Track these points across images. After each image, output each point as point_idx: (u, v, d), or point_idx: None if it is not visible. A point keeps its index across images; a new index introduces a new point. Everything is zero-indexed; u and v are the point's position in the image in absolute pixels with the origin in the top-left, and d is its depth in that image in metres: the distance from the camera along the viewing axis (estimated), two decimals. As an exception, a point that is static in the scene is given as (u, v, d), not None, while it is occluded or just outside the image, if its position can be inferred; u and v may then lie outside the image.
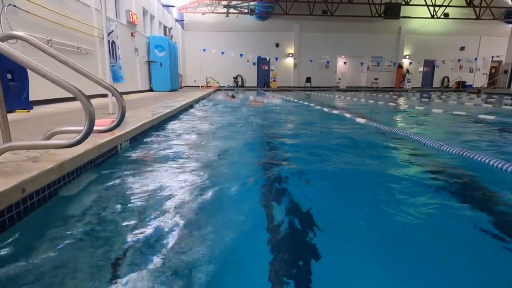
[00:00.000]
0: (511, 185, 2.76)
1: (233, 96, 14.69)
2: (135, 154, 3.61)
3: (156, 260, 1.56)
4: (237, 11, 25.51)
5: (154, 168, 3.07)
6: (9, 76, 5.45)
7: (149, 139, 4.49)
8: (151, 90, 16.38)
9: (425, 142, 4.23)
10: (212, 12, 24.78)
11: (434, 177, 2.93)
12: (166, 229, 1.85)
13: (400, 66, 28.71)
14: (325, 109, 8.80)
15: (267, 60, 27.29)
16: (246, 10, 25.65)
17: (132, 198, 2.33)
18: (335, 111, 8.23)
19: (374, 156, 3.73)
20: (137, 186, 2.58)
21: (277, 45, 27.58)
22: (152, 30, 17.32)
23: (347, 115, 7.22)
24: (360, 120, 6.43)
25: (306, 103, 11.22)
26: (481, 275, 1.56)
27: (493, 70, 29.65)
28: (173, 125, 5.91)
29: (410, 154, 4.01)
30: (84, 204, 2.18)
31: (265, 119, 7.42)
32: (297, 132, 5.58)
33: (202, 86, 23.72)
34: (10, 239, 1.72)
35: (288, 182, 2.77)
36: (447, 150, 3.78)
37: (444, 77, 29.72)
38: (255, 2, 24.84)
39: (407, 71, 28.45)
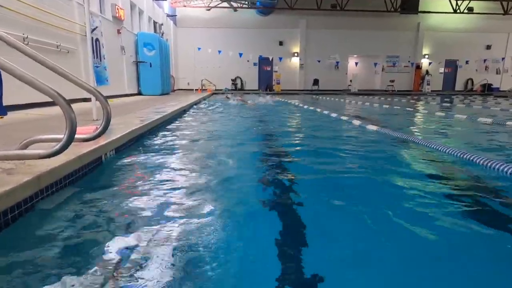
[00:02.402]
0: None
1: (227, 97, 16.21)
2: (121, 166, 3.61)
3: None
4: (235, 5, 25.67)
5: (142, 182, 3.07)
6: (-20, 78, 5.48)
7: (137, 149, 4.49)
8: (139, 93, 16.45)
9: (447, 151, 4.23)
10: (208, 7, 24.95)
11: (456, 188, 2.93)
12: (151, 256, 1.81)
13: (419, 67, 28.83)
14: (333, 115, 8.81)
15: (270, 60, 27.40)
16: (246, 4, 25.79)
17: (116, 216, 2.32)
18: (344, 117, 8.25)
19: (389, 169, 3.73)
20: (122, 202, 2.57)
21: (280, 43, 27.73)
22: (140, 27, 17.46)
23: (356, 122, 7.23)
24: (372, 127, 6.46)
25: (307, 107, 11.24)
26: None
27: (522, 71, 29.76)
28: (164, 133, 5.91)
29: (430, 164, 4.00)
30: (63, 222, 2.17)
31: (266, 125, 7.45)
32: (301, 142, 5.58)
33: (196, 89, 23.80)
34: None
35: (295, 202, 2.77)
36: (471, 159, 3.78)
37: (468, 79, 29.82)
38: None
39: (427, 72, 28.53)
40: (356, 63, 28.22)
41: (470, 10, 25.65)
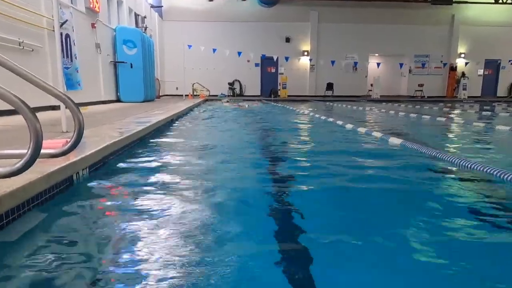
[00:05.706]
0: None
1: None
2: (96, 187, 3.60)
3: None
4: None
5: (120, 205, 3.05)
6: None
7: (115, 167, 4.49)
8: (118, 100, 16.54)
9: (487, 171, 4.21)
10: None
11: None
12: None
13: (453, 68, 28.90)
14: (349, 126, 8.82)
15: (274, 60, 27.46)
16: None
17: (88, 246, 2.31)
18: (361, 128, 8.25)
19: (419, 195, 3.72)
20: (96, 230, 2.55)
21: (287, 40, 27.91)
22: (119, 20, 17.62)
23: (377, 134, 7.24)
24: (395, 140, 6.47)
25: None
26: None
27: None
28: (148, 148, 5.92)
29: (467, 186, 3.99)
30: (27, 254, 2.15)
31: (267, 137, 7.48)
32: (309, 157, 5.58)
33: (187, 95, 23.84)
34: None
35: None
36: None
37: (512, 83, 29.87)
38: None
39: (462, 74, 28.61)
40: (378, 64, 28.21)
41: (514, 0, 25.82)
